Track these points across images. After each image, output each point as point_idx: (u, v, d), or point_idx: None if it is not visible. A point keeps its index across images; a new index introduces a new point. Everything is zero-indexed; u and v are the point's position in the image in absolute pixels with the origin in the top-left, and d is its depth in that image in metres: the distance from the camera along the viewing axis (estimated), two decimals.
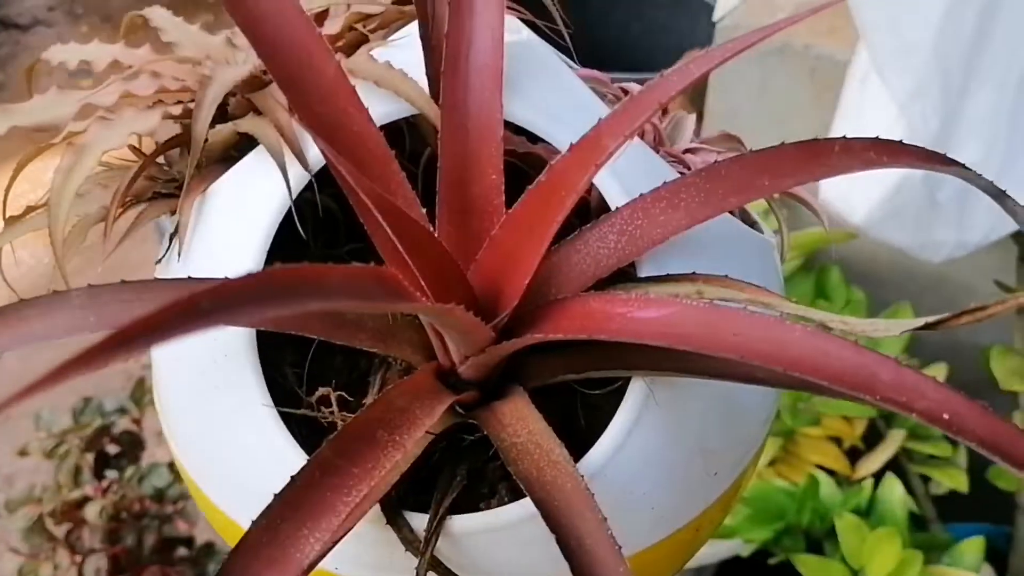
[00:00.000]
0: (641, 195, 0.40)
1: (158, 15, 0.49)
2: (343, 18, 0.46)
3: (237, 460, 0.41)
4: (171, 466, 1.04)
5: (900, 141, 0.41)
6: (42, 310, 0.37)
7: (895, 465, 1.10)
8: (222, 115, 0.45)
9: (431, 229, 0.39)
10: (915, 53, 0.89)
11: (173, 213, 0.45)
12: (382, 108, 0.41)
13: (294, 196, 0.41)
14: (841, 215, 1.03)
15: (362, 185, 0.33)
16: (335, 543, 0.35)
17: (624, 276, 0.41)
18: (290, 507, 0.33)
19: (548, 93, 0.41)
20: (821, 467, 1.10)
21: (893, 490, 1.05)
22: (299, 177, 0.41)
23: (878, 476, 1.07)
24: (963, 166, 0.40)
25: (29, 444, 1.02)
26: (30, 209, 0.42)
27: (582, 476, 0.37)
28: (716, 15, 1.26)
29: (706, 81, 1.31)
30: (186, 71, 0.47)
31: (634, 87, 0.51)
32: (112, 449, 1.06)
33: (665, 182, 0.40)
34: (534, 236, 0.37)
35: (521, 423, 0.39)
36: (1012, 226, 0.91)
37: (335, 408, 0.41)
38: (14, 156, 0.44)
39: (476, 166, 0.39)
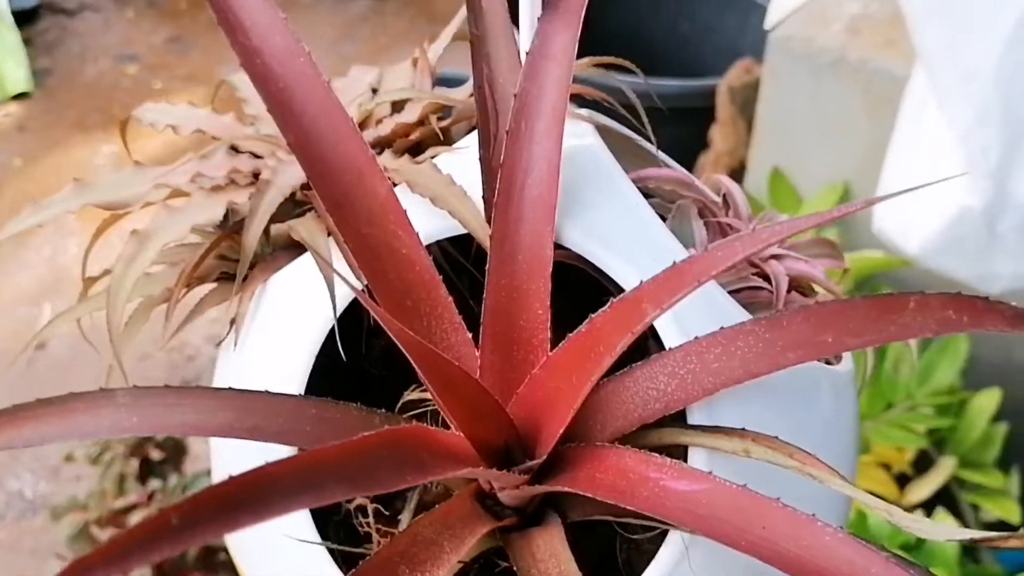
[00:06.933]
0: (696, 338, 0.38)
1: (245, 84, 0.49)
2: (421, 106, 0.46)
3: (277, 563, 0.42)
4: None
5: (986, 298, 0.38)
6: (89, 404, 0.38)
7: (945, 493, 1.07)
8: (296, 203, 0.45)
9: (476, 356, 0.38)
10: (975, 80, 0.84)
11: None
12: (438, 223, 0.40)
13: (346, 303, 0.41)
14: (896, 244, 1.00)
15: (391, 326, 0.32)
16: None
17: (673, 416, 0.39)
18: None
19: (605, 213, 0.40)
20: (869, 492, 1.08)
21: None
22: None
23: (928, 504, 1.04)
24: None
25: (75, 450, 1.03)
26: (91, 281, 0.43)
27: None
28: (768, 23, 1.20)
29: (756, 90, 1.26)
30: (265, 149, 0.46)
31: (726, 185, 0.49)
32: (156, 455, 1.05)
33: (722, 327, 0.38)
34: (570, 388, 0.35)
35: (553, 560, 0.38)
36: None
37: (371, 519, 0.41)
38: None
39: (524, 299, 0.38)
